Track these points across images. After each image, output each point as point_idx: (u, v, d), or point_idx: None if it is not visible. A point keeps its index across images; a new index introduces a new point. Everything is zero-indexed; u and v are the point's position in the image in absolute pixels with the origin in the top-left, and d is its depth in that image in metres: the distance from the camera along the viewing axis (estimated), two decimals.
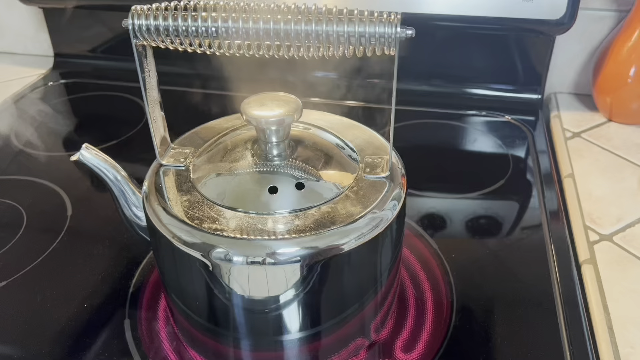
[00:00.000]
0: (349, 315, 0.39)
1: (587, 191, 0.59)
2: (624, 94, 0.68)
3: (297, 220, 0.35)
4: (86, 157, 0.40)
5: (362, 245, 0.35)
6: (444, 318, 0.45)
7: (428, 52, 0.77)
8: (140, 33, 0.35)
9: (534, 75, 0.75)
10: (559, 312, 0.45)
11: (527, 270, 0.50)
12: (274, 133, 0.39)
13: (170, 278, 0.40)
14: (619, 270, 0.49)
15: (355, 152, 0.41)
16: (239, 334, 0.39)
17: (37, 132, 0.72)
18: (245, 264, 0.34)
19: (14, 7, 0.88)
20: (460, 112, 0.75)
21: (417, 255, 0.51)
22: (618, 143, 0.67)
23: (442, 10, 0.66)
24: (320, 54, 0.34)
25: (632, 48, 0.66)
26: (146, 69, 0.37)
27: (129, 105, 0.78)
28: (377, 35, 0.33)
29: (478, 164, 0.65)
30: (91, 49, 0.88)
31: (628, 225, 0.54)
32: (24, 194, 0.60)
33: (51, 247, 0.53)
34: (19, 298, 0.48)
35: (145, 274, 0.50)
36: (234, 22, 0.33)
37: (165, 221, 0.36)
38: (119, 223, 0.44)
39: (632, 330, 0.43)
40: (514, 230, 0.55)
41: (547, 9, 0.64)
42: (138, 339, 0.44)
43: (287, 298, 0.36)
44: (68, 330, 0.44)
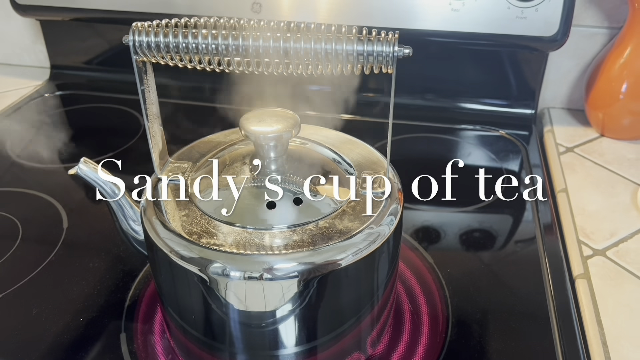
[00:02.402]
0: (345, 330, 0.39)
1: (580, 206, 0.60)
2: (616, 110, 0.69)
3: (295, 235, 0.35)
4: (84, 171, 0.40)
5: (359, 260, 0.36)
6: (440, 332, 0.45)
7: (423, 67, 0.78)
8: (141, 49, 0.35)
9: (528, 91, 0.76)
10: (554, 326, 0.46)
11: (521, 285, 0.50)
12: (272, 148, 0.39)
13: (167, 292, 0.40)
14: (612, 285, 0.49)
15: (352, 167, 0.41)
16: (236, 349, 0.39)
17: (33, 143, 0.72)
18: (243, 279, 0.34)
19: (11, 19, 0.88)
20: (455, 126, 0.76)
21: (412, 270, 0.51)
22: (610, 158, 0.68)
23: (437, 26, 0.67)
24: (319, 72, 0.34)
25: (624, 65, 0.67)
26: (146, 85, 0.38)
27: (125, 117, 0.79)
28: (375, 54, 0.33)
29: (472, 178, 0.66)
30: (87, 61, 0.89)
31: (621, 240, 0.55)
32: (20, 206, 0.60)
33: (47, 259, 0.53)
34: (15, 311, 0.47)
35: (141, 287, 0.50)
36: (234, 39, 0.34)
37: (163, 235, 0.36)
38: (115, 236, 0.44)
39: (625, 346, 0.44)
40: (508, 244, 0.56)
41: (540, 26, 0.65)
42: (134, 353, 0.43)
43: (284, 313, 0.36)
44: (63, 344, 0.44)
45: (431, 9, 0.66)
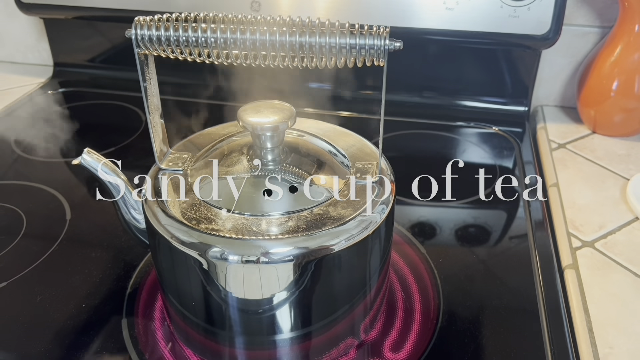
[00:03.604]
0: (339, 316, 0.41)
1: (570, 200, 0.61)
2: (607, 107, 0.71)
3: (290, 221, 0.37)
4: (87, 161, 0.41)
5: (351, 246, 0.37)
6: (431, 319, 0.47)
7: (419, 65, 0.79)
8: (143, 43, 0.36)
9: (521, 88, 0.78)
10: (542, 314, 0.47)
11: (511, 275, 0.51)
12: (268, 139, 0.40)
13: (167, 278, 0.41)
14: (599, 275, 0.51)
15: (347, 158, 0.43)
16: (233, 333, 0.40)
17: (37, 138, 0.74)
18: (240, 262, 0.36)
19: (15, 17, 0.90)
20: (450, 123, 0.77)
21: (406, 260, 0.53)
22: (601, 154, 0.69)
23: (432, 24, 0.68)
24: (313, 65, 0.36)
25: (615, 63, 0.68)
26: (147, 77, 0.39)
27: (126, 114, 0.80)
28: (367, 47, 0.35)
29: (467, 174, 0.67)
30: (90, 59, 0.90)
31: (609, 232, 0.56)
32: (24, 198, 0.62)
33: (50, 249, 0.54)
34: (19, 298, 0.49)
35: (142, 276, 0.51)
36: (232, 33, 0.35)
37: (163, 222, 0.38)
38: (117, 228, 0.46)
39: (611, 332, 0.45)
40: (500, 236, 0.57)
41: (533, 24, 0.66)
42: (135, 338, 0.45)
43: (280, 297, 0.38)
44: (66, 330, 0.46)
45: (426, 8, 0.67)
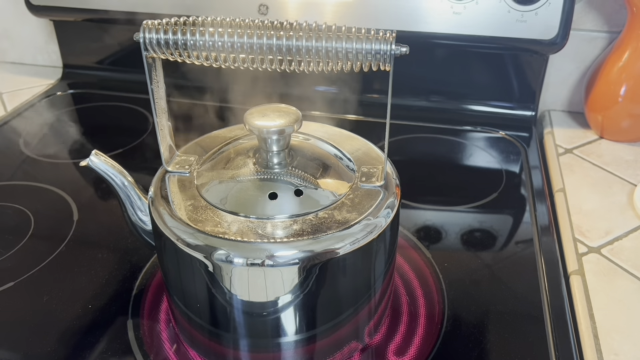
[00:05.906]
0: (343, 319, 0.41)
1: (577, 205, 0.61)
2: (614, 113, 0.70)
3: (296, 225, 0.37)
4: (95, 163, 0.42)
5: (356, 250, 0.37)
6: (436, 324, 0.47)
7: (426, 69, 0.79)
8: (151, 46, 0.37)
9: (529, 93, 0.77)
10: (547, 319, 0.47)
11: (517, 280, 0.51)
12: (274, 142, 0.41)
13: (173, 280, 0.42)
14: (605, 281, 0.51)
15: (352, 162, 0.43)
16: (238, 335, 0.41)
17: (45, 140, 0.74)
18: (245, 265, 0.36)
19: (25, 19, 0.91)
20: (457, 127, 0.77)
21: (411, 265, 0.53)
22: (608, 159, 0.69)
23: (439, 29, 0.68)
24: (319, 69, 0.36)
25: (623, 68, 0.68)
26: (155, 80, 0.39)
27: (134, 116, 0.81)
28: (374, 52, 0.35)
29: (473, 178, 0.67)
30: (98, 61, 0.91)
31: (616, 238, 0.56)
32: (32, 199, 0.62)
33: (57, 250, 0.55)
34: (26, 298, 0.49)
35: (147, 277, 0.51)
36: (239, 37, 0.36)
37: (169, 224, 0.38)
38: (123, 229, 0.46)
39: (616, 339, 0.45)
40: (506, 241, 0.57)
41: (540, 29, 0.66)
42: (140, 339, 0.45)
43: (285, 300, 0.38)
44: (72, 330, 0.46)
45: (433, 12, 0.68)
